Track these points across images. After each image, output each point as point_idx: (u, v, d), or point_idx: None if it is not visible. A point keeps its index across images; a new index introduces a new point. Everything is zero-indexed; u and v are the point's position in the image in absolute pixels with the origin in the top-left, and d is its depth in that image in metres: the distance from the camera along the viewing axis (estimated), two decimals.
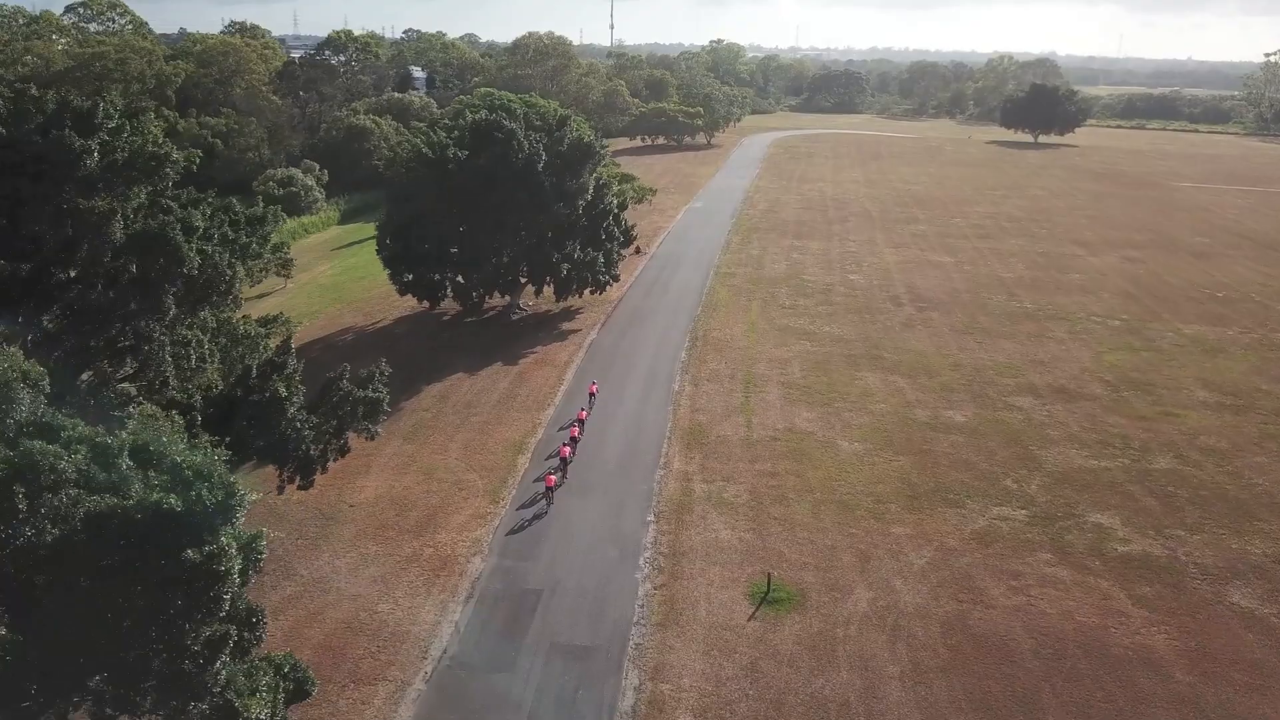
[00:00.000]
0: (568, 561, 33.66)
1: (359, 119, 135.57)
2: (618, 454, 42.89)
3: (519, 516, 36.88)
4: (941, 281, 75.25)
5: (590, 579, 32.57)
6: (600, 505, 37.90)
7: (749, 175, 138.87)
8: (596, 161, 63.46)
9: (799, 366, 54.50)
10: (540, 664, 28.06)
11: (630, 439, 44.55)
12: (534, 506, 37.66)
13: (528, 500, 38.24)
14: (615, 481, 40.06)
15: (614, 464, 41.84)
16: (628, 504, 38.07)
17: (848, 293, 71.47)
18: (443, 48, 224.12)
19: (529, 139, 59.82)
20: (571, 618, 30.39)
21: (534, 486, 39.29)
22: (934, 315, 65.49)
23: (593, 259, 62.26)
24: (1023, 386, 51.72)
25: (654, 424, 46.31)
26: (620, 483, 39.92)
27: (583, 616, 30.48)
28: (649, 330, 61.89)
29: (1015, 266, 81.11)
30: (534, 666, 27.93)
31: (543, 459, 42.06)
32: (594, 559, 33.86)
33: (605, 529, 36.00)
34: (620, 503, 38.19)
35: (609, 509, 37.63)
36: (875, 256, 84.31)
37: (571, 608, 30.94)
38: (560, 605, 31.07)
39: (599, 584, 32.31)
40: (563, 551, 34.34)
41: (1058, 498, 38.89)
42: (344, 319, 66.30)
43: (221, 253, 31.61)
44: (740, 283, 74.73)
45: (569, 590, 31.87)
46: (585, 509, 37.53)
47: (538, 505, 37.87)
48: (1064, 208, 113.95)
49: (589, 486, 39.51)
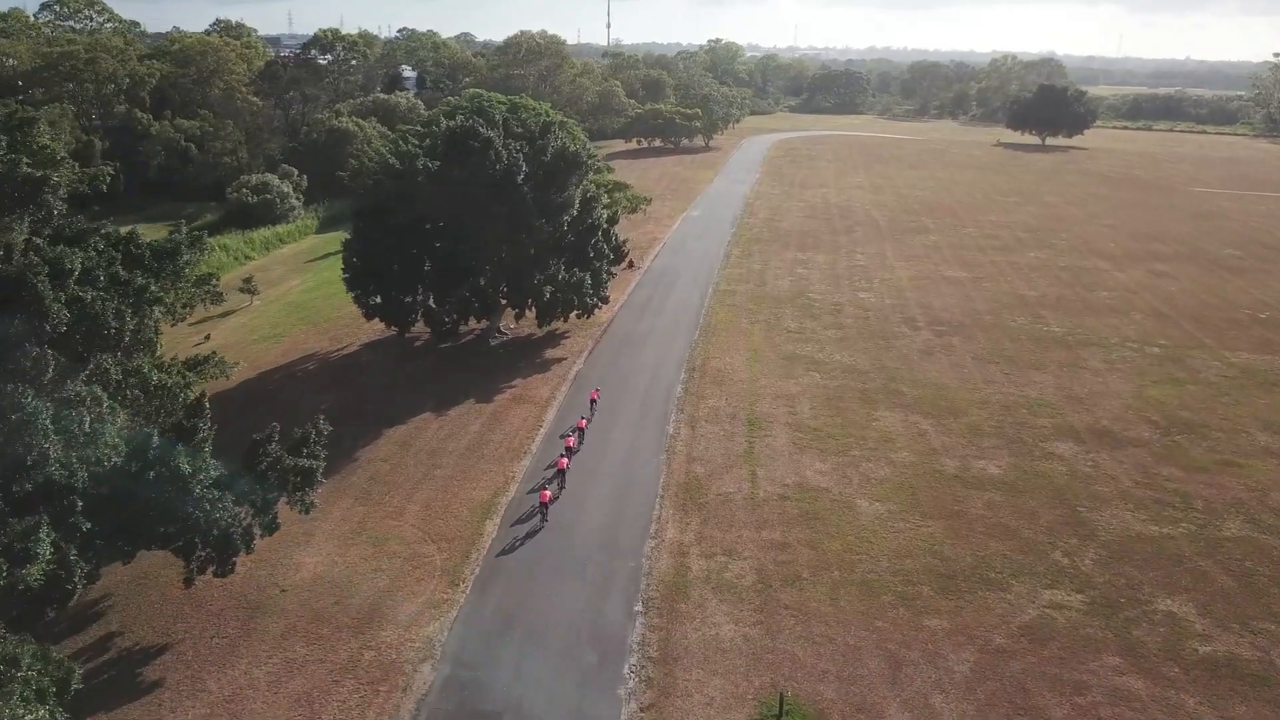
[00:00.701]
0: (536, 670, 27.73)
1: (341, 121, 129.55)
2: (602, 517, 36.99)
3: (482, 605, 31.01)
4: (960, 301, 69.40)
5: (563, 695, 26.66)
6: (579, 588, 32.01)
7: (749, 180, 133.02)
8: (584, 172, 57.57)
9: (808, 403, 48.67)
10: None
11: (617, 497, 38.65)
12: (497, 591, 31.91)
13: (494, 574, 32.44)
14: (598, 554, 34.17)
15: (598, 530, 35.95)
16: (612, 586, 32.21)
17: (859, 314, 65.62)
18: (434, 47, 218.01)
19: (508, 148, 53.95)
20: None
21: (500, 562, 33.47)
22: (954, 341, 59.64)
23: (579, 280, 56.36)
24: (1061, 429, 45.90)
25: (645, 477, 40.42)
26: (604, 556, 34.03)
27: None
28: (641, 359, 56.01)
29: (1037, 283, 75.27)
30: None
31: (511, 524, 36.24)
32: (569, 666, 27.96)
33: (584, 622, 30.10)
34: (604, 583, 32.33)
35: (590, 593, 31.75)
36: (886, 271, 78.46)
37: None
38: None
39: (573, 703, 26.43)
40: (531, 655, 28.43)
41: (1117, 576, 33.07)
42: (308, 343, 60.46)
43: (106, 300, 25.67)
44: (741, 301, 68.88)
45: (534, 714, 25.98)
46: (562, 593, 31.66)
47: (531, 523, 36.18)
48: (1081, 216, 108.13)
49: (568, 561, 33.66)
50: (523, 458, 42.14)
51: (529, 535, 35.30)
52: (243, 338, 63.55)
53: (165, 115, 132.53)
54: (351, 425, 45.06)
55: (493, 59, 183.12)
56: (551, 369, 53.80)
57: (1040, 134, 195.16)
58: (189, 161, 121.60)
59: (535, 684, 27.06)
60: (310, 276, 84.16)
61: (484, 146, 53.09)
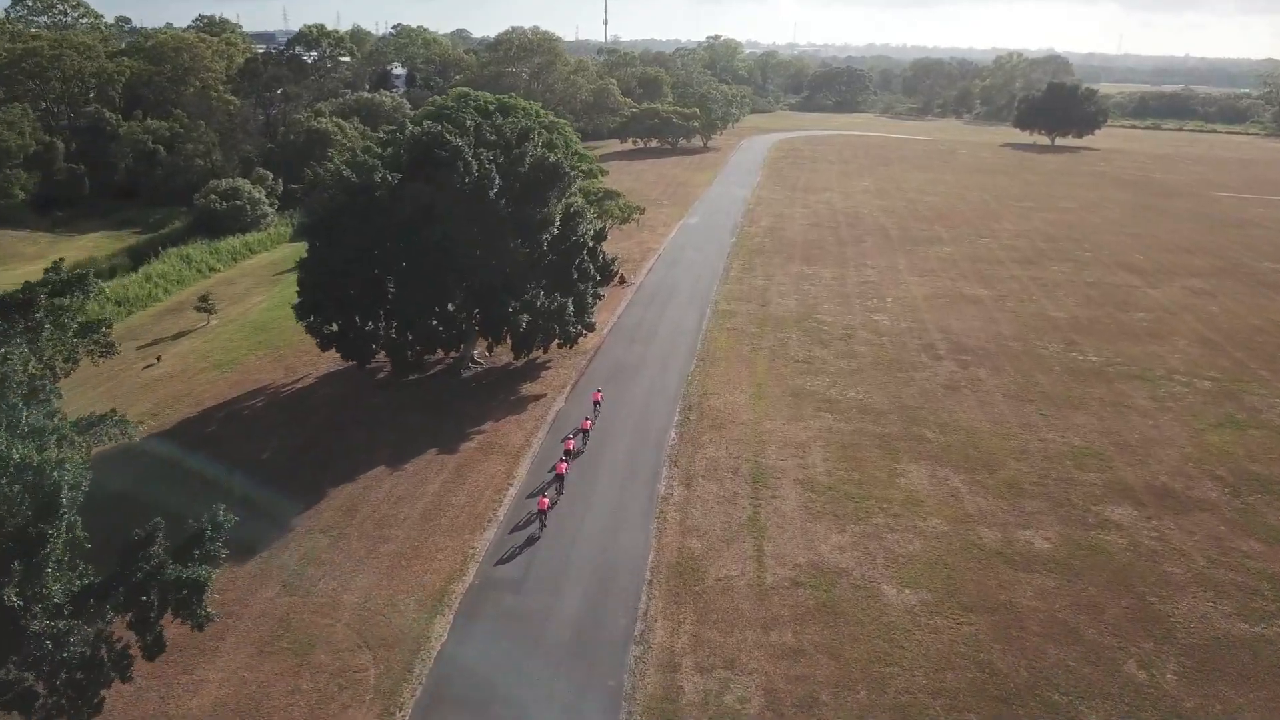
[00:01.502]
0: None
1: (320, 122, 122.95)
2: (577, 608, 30.71)
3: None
4: (982, 323, 63.08)
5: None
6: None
7: (749, 184, 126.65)
8: (565, 184, 51.26)
9: (821, 453, 42.39)
10: None
11: (596, 581, 32.33)
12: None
13: (441, 693, 26.17)
14: (572, 666, 27.89)
15: (571, 625, 29.68)
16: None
17: (872, 339, 59.30)
18: (424, 44, 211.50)
19: (479, 158, 47.67)
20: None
21: (450, 673, 27.18)
22: (981, 373, 53.37)
23: (560, 306, 50.01)
24: (1114, 487, 39.63)
25: (631, 553, 34.09)
26: (576, 670, 27.74)
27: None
28: (631, 394, 49.71)
29: (1065, 302, 68.96)
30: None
31: (468, 619, 29.98)
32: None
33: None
34: (572, 715, 26.05)
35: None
36: (900, 288, 72.14)
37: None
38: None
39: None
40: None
41: (1210, 698, 26.83)
42: (262, 372, 54.21)
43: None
44: (743, 324, 62.57)
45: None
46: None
47: (530, 528, 35.54)
48: (1101, 223, 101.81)
49: (533, 677, 27.37)
50: (487, 526, 35.82)
51: (491, 629, 29.07)
52: (191, 364, 57.24)
53: (136, 115, 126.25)
54: (293, 481, 38.85)
55: (483, 56, 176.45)
56: (528, 409, 47.48)
57: (1049, 134, 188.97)
58: (157, 164, 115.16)
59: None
60: (277, 291, 77.66)
61: (452, 157, 46.81)
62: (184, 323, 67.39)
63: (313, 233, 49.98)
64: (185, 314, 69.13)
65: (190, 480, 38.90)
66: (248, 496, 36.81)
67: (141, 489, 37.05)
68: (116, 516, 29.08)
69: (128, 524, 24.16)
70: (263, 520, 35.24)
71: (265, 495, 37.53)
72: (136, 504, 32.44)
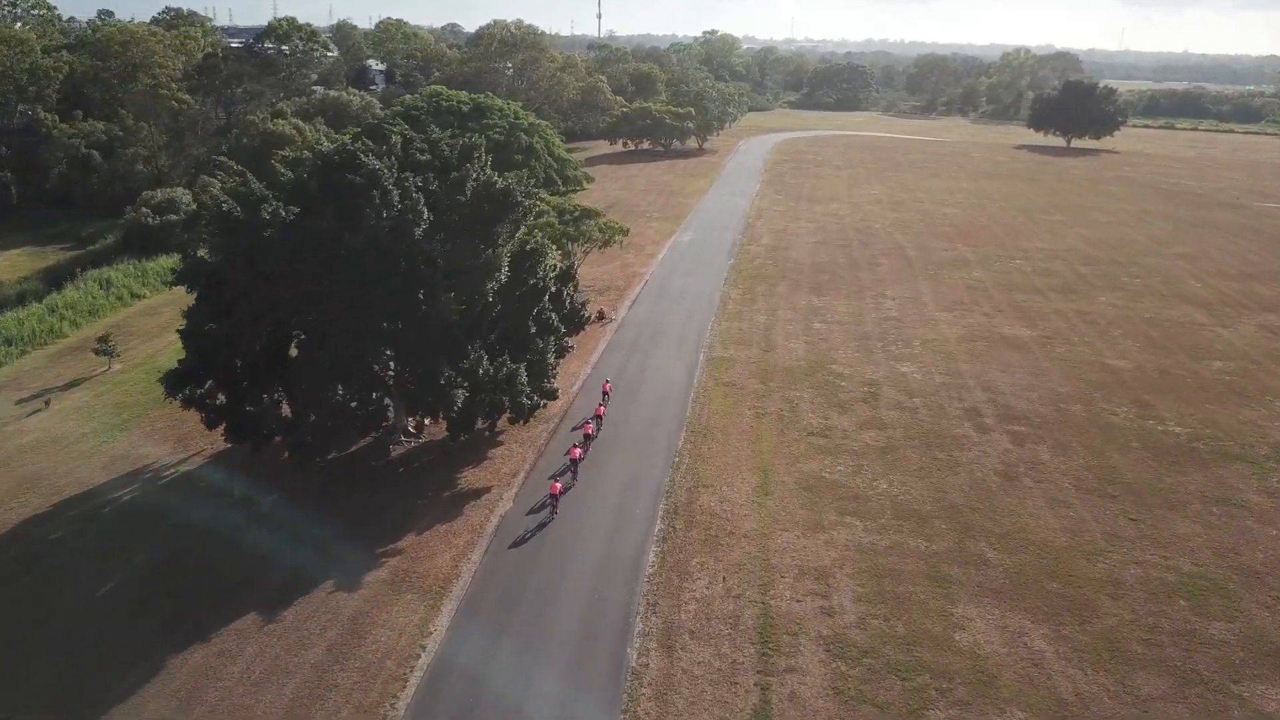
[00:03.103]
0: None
1: (278, 123, 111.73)
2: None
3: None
4: (1031, 377, 52.25)
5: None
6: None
7: (748, 192, 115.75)
8: (520, 216, 40.39)
9: (850, 588, 31.60)
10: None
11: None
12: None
13: None
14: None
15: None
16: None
17: (902, 400, 48.49)
18: (404, 38, 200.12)
19: (406, 185, 36.81)
20: None
21: None
22: (1042, 452, 42.57)
23: (510, 374, 39.04)
24: (1255, 646, 28.83)
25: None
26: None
27: None
28: (601, 489, 38.83)
29: (1124, 347, 58.12)
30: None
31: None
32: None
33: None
34: None
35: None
36: (928, 327, 61.28)
37: None
38: None
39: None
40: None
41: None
42: (149, 444, 43.52)
43: None
44: (743, 376, 51.77)
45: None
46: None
47: (543, 514, 35.55)
48: (1145, 241, 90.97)
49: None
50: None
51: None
52: (68, 431, 46.17)
53: (75, 116, 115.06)
54: (128, 644, 28.03)
55: (463, 52, 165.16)
56: (463, 511, 36.57)
57: (1065, 135, 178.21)
58: (93, 170, 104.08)
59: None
60: None
61: (367, 184, 35.91)
62: (81, 367, 56.36)
63: (190, 275, 38.95)
64: (87, 355, 58.11)
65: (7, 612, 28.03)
66: (56, 675, 25.92)
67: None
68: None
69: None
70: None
71: (82, 666, 26.70)
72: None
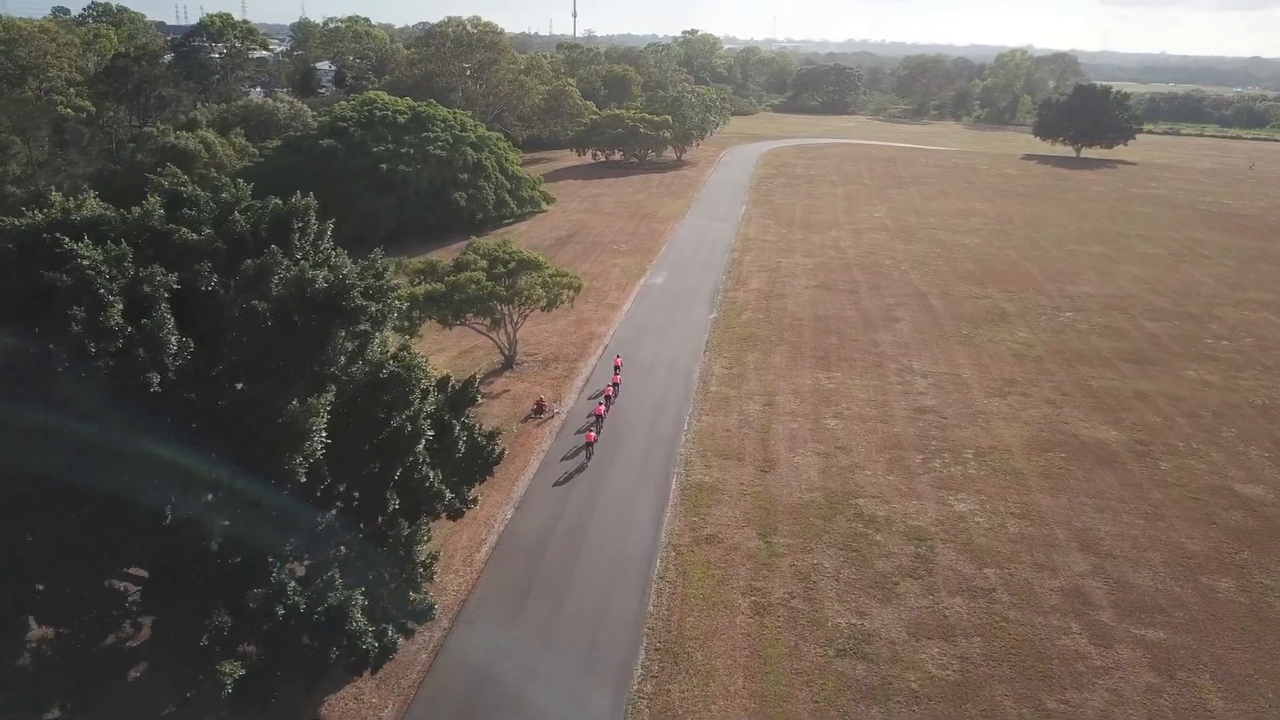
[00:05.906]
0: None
1: (181, 137, 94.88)
2: None
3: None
4: (1145, 521, 36.59)
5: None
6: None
7: (732, 215, 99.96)
8: (377, 323, 24.29)
9: None
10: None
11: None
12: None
13: None
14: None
15: None
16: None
17: (969, 574, 32.67)
18: (355, 37, 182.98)
19: (152, 288, 20.73)
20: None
21: None
22: (1205, 686, 26.91)
23: (343, 602, 22.83)
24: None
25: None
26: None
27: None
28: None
29: (1249, 456, 42.62)
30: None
31: None
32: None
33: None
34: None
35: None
36: (979, 426, 45.56)
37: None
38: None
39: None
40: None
41: None
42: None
43: None
44: (731, 523, 35.87)
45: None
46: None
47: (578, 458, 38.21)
48: (1212, 284, 75.70)
49: None
50: None
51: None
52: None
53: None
54: None
55: (413, 52, 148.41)
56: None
57: (1074, 144, 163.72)
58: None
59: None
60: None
61: (76, 290, 19.82)
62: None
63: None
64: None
65: None
66: None
67: None
68: None
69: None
70: None
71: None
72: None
